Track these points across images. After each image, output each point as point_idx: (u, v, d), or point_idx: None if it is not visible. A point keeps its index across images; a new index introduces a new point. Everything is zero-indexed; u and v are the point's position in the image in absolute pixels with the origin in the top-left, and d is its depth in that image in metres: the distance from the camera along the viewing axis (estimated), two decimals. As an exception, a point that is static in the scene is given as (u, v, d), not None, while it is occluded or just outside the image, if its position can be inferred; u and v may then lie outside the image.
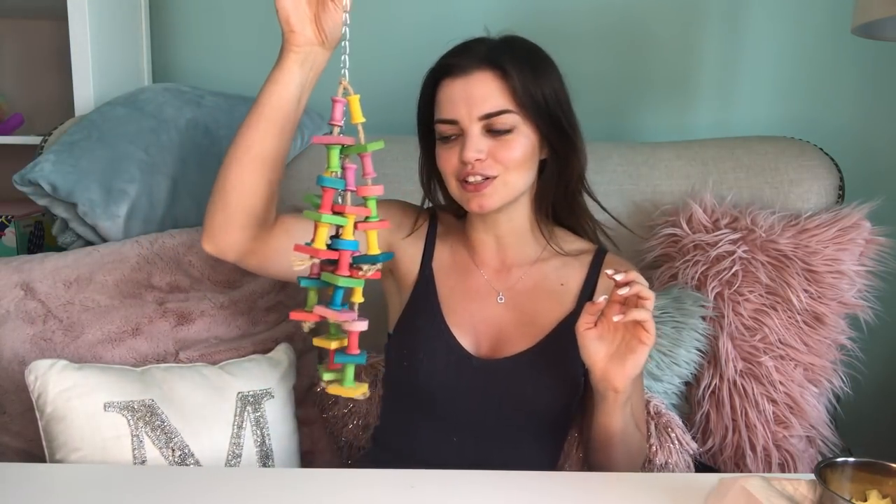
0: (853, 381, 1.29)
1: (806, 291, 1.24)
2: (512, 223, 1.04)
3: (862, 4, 1.15)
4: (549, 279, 1.05)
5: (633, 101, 1.66)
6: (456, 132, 0.97)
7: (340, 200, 0.75)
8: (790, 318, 1.24)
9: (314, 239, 0.73)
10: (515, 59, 0.95)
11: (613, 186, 1.38)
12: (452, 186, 0.99)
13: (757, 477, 0.75)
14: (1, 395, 1.10)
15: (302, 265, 0.73)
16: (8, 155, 1.60)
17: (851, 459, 0.74)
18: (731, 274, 1.25)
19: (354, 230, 0.74)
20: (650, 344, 0.86)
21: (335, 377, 0.77)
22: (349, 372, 0.76)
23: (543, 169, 1.03)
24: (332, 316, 0.72)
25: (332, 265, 0.74)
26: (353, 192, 0.75)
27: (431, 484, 0.85)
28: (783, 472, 1.22)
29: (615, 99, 1.65)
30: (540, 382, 0.99)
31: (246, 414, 1.05)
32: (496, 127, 0.95)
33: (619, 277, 0.84)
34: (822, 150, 1.41)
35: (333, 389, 0.76)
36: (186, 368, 1.08)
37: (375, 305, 1.02)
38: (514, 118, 0.95)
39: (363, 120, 0.75)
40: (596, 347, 0.88)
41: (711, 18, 1.61)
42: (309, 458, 1.20)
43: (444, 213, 1.11)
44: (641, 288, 0.84)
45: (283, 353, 1.15)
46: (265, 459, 1.05)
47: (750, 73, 1.62)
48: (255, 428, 1.05)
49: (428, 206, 1.10)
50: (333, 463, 1.22)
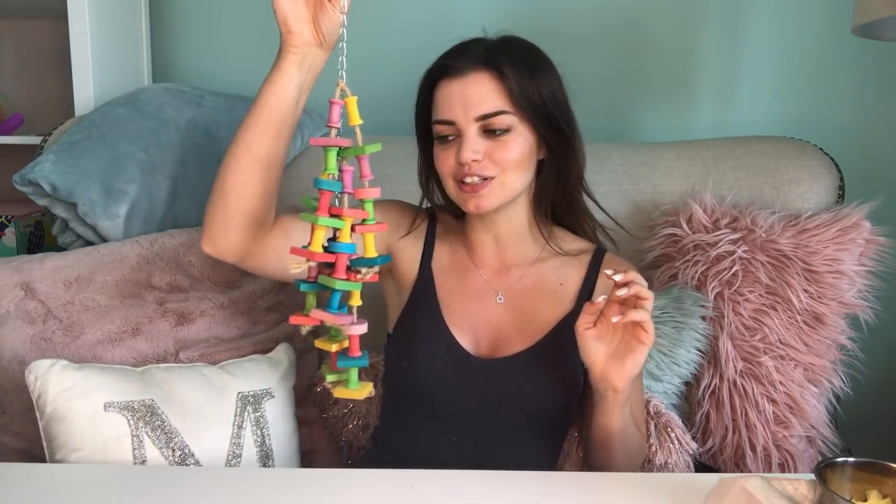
0: (853, 381, 1.29)
1: (806, 291, 1.24)
2: (510, 223, 1.04)
3: (862, 4, 1.15)
4: (548, 279, 1.05)
5: (632, 101, 1.66)
6: (453, 133, 0.97)
7: (338, 203, 0.74)
8: (790, 318, 1.24)
9: (311, 242, 0.72)
10: (512, 59, 0.95)
11: (613, 186, 1.38)
12: (450, 187, 0.99)
13: (757, 477, 0.75)
14: (1, 395, 1.10)
15: (298, 268, 0.73)
16: (8, 155, 1.60)
17: (851, 459, 0.74)
18: (731, 274, 1.25)
19: (352, 233, 0.74)
20: (649, 344, 0.86)
21: (338, 378, 0.77)
22: (353, 374, 0.75)
23: (542, 169, 1.03)
24: (329, 319, 0.72)
25: (329, 268, 0.74)
26: (350, 194, 0.74)
27: (431, 484, 0.85)
28: (783, 472, 1.22)
29: (615, 99, 1.65)
30: (539, 382, 0.99)
31: (246, 414, 1.05)
32: (493, 127, 0.95)
33: (618, 278, 0.84)
34: (822, 150, 1.41)
35: (340, 393, 0.76)
36: (186, 368, 1.08)
37: (375, 305, 1.02)
38: (510, 119, 0.95)
39: (361, 122, 0.75)
40: (595, 347, 0.88)
41: (711, 18, 1.61)
42: (309, 458, 1.20)
43: (442, 213, 1.11)
44: (640, 288, 0.84)
45: (283, 353, 1.15)
46: (265, 459, 1.05)
47: (750, 73, 1.62)
48: (255, 428, 1.05)
49: (427, 206, 1.11)
50: (333, 463, 1.22)
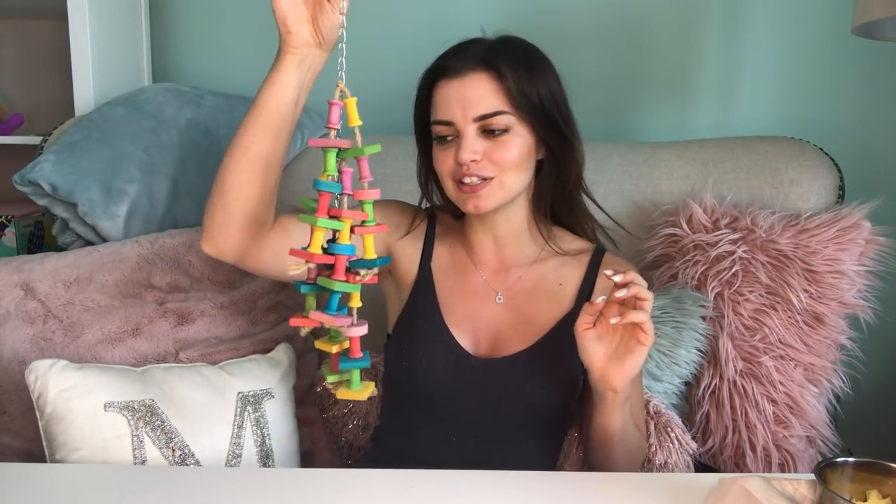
0: (853, 381, 1.29)
1: (806, 291, 1.24)
2: (510, 223, 1.04)
3: (862, 4, 1.15)
4: (547, 279, 1.05)
5: (632, 101, 1.66)
6: (452, 133, 0.97)
7: (337, 204, 0.74)
8: (790, 318, 1.24)
9: (310, 243, 0.72)
10: (510, 59, 0.95)
11: (613, 186, 1.38)
12: (449, 187, 0.99)
13: (757, 477, 0.75)
14: (1, 395, 1.10)
15: (297, 270, 0.73)
16: (8, 155, 1.60)
17: (851, 459, 0.74)
18: (731, 274, 1.25)
19: (351, 234, 0.74)
20: (648, 345, 0.86)
21: (339, 378, 0.77)
22: (355, 376, 0.75)
23: (541, 169, 1.03)
24: (328, 321, 0.72)
25: (329, 270, 0.74)
26: (349, 195, 0.74)
27: (431, 484, 0.84)
28: (783, 472, 1.22)
29: (615, 99, 1.65)
30: (538, 381, 0.99)
31: (246, 414, 1.05)
32: (491, 128, 0.95)
33: (617, 278, 0.84)
34: (822, 150, 1.40)
35: (342, 394, 0.75)
36: (186, 368, 1.08)
37: (374, 305, 1.02)
38: (509, 119, 0.95)
39: (360, 123, 0.75)
40: (594, 348, 0.88)
41: (711, 18, 1.61)
42: (309, 458, 1.20)
43: (442, 213, 1.11)
44: (639, 289, 0.84)
45: (283, 353, 1.15)
46: (265, 459, 1.05)
47: (750, 73, 1.62)
48: (255, 428, 1.05)
49: (426, 206, 1.11)
50: (333, 463, 1.22)
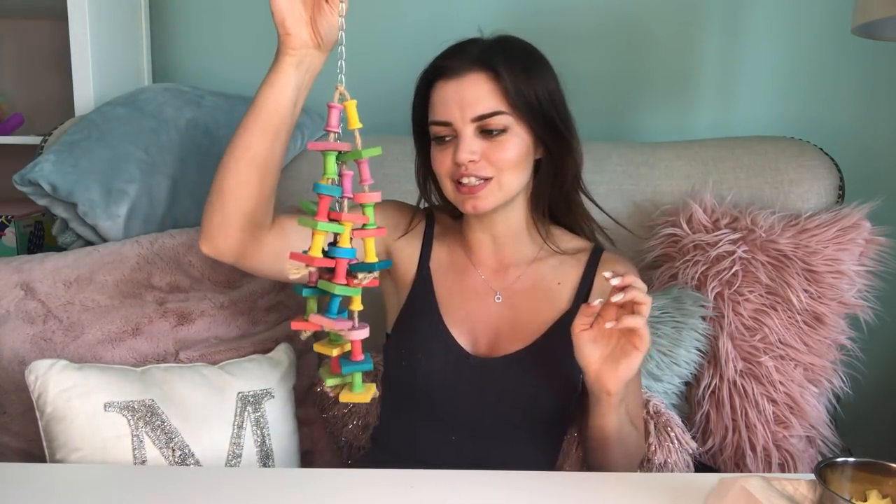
0: (853, 381, 1.29)
1: (806, 291, 1.24)
2: (508, 223, 1.04)
3: (862, 4, 1.15)
4: (546, 278, 1.05)
5: (632, 101, 1.66)
6: (450, 134, 0.97)
7: (338, 207, 0.74)
8: (790, 318, 1.24)
9: (310, 247, 0.72)
10: (508, 59, 0.95)
11: (613, 186, 1.38)
12: (447, 188, 0.99)
13: (757, 477, 0.75)
14: (1, 395, 1.10)
15: (298, 274, 0.73)
16: (8, 155, 1.60)
17: (851, 459, 0.74)
18: (731, 274, 1.25)
19: (351, 238, 0.74)
20: (644, 349, 0.85)
21: (339, 382, 0.77)
22: (357, 378, 0.75)
23: (539, 169, 1.03)
24: (328, 325, 0.72)
25: (329, 273, 0.73)
26: (350, 198, 0.74)
27: (431, 484, 0.84)
28: (783, 472, 1.22)
29: (614, 99, 1.65)
30: (536, 380, 0.99)
31: (246, 414, 1.05)
32: (489, 128, 0.95)
33: (615, 282, 0.83)
34: (821, 150, 1.40)
35: (345, 397, 0.75)
36: (186, 368, 1.08)
37: (374, 306, 1.01)
38: (506, 119, 0.95)
39: (360, 125, 0.75)
40: (590, 350, 0.88)
41: (711, 18, 1.61)
42: (309, 458, 1.20)
43: (440, 213, 1.11)
44: (637, 293, 0.83)
45: (283, 353, 1.15)
46: (265, 459, 1.05)
47: (750, 73, 1.62)
48: (255, 428, 1.05)
49: (424, 206, 1.11)
50: (333, 463, 1.22)
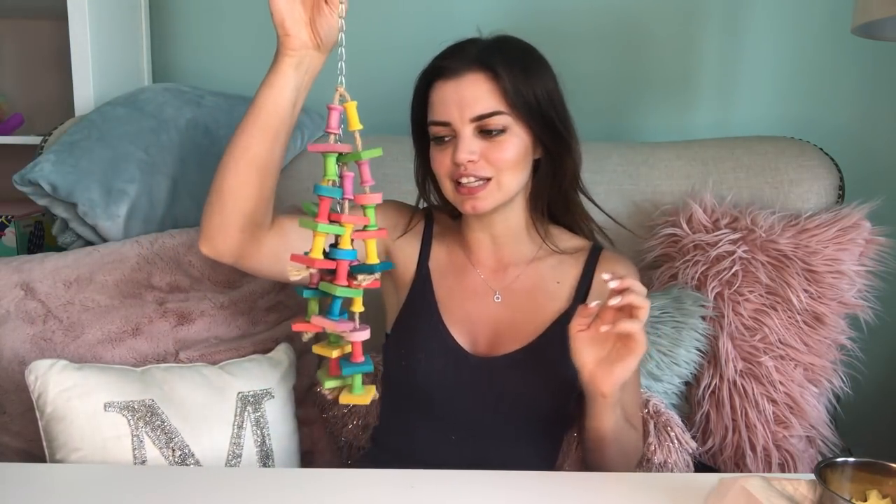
0: (853, 381, 1.29)
1: (806, 291, 1.23)
2: (507, 223, 1.04)
3: (862, 4, 1.15)
4: (545, 277, 1.05)
5: (632, 100, 1.66)
6: (449, 134, 0.97)
7: (339, 209, 0.74)
8: (790, 318, 1.24)
9: (311, 249, 0.72)
10: (507, 59, 0.95)
11: (613, 186, 1.38)
12: (447, 188, 0.99)
13: (757, 477, 0.75)
14: (1, 395, 1.10)
15: (299, 276, 0.73)
16: (8, 155, 1.60)
17: (851, 459, 0.74)
18: (731, 274, 1.25)
19: (352, 239, 0.73)
20: (640, 354, 0.84)
21: (338, 384, 0.77)
22: (357, 380, 0.75)
23: (538, 169, 1.03)
24: (330, 326, 0.72)
25: (330, 274, 0.73)
26: (351, 200, 0.74)
27: (431, 484, 0.84)
28: (783, 472, 1.22)
29: (614, 99, 1.65)
30: (535, 379, 0.99)
31: (246, 414, 1.05)
32: (488, 128, 0.95)
33: (613, 284, 0.82)
34: (821, 150, 1.40)
35: (345, 398, 0.75)
36: (186, 368, 1.08)
37: (373, 306, 1.02)
38: (505, 119, 0.95)
39: (360, 127, 0.74)
40: (586, 350, 0.87)
41: (711, 18, 1.61)
42: (309, 458, 1.20)
43: (439, 213, 1.11)
44: (634, 297, 0.81)
45: (283, 353, 1.15)
46: (265, 459, 1.05)
47: (750, 73, 1.62)
48: (255, 428, 1.05)
49: (423, 206, 1.11)
50: (333, 463, 1.22)
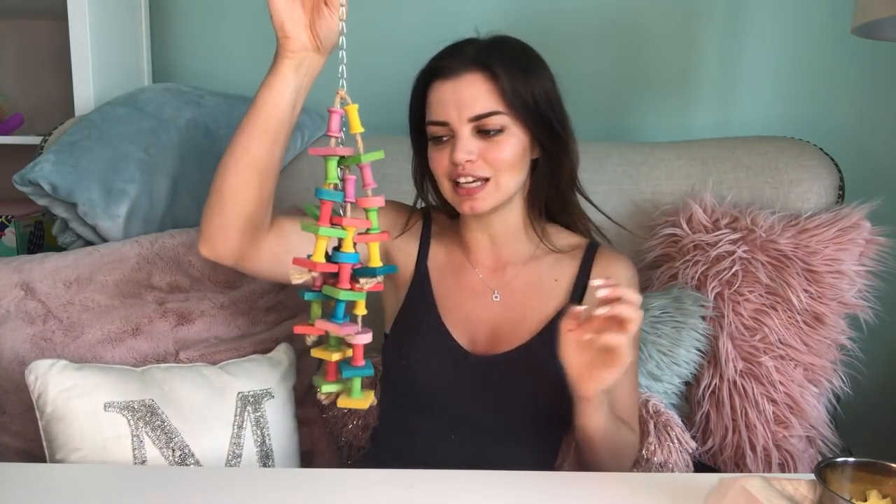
0: (853, 381, 1.29)
1: (806, 291, 1.23)
2: (505, 223, 1.04)
3: (862, 4, 1.15)
4: (542, 276, 1.05)
5: (632, 100, 1.66)
6: (447, 134, 0.97)
7: (341, 212, 0.74)
8: (790, 318, 1.24)
9: (314, 252, 0.72)
10: (504, 59, 0.95)
11: (613, 186, 1.38)
12: (445, 188, 0.99)
13: (757, 477, 0.75)
14: (1, 395, 1.10)
15: (301, 279, 0.73)
16: (8, 155, 1.60)
17: (851, 459, 0.74)
18: (731, 274, 1.25)
19: (354, 242, 0.73)
20: (621, 368, 0.82)
21: (336, 388, 0.77)
22: (356, 384, 0.75)
23: (536, 168, 1.03)
24: (334, 330, 0.72)
25: (333, 278, 0.73)
26: (352, 203, 0.74)
27: (431, 484, 0.84)
28: (783, 472, 1.22)
29: (614, 99, 1.65)
30: (535, 377, 0.99)
31: (246, 414, 1.05)
32: (486, 128, 0.95)
33: (602, 293, 0.79)
34: (821, 150, 1.40)
35: (343, 402, 0.75)
36: (186, 368, 1.08)
37: (372, 306, 1.01)
38: (503, 119, 0.95)
39: (362, 130, 0.74)
40: (573, 352, 0.85)
41: (711, 18, 1.61)
42: (309, 458, 1.20)
43: (437, 213, 1.11)
44: (623, 309, 0.78)
45: (283, 353, 1.15)
46: (265, 459, 1.05)
47: (750, 73, 1.62)
48: (255, 428, 1.05)
49: (422, 206, 1.11)
50: (333, 463, 1.22)
